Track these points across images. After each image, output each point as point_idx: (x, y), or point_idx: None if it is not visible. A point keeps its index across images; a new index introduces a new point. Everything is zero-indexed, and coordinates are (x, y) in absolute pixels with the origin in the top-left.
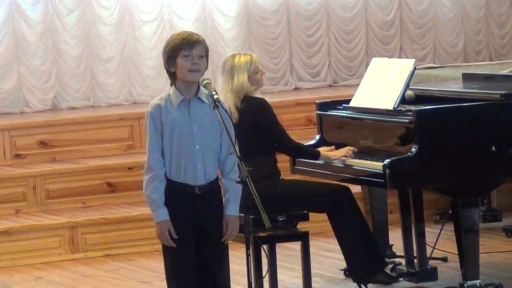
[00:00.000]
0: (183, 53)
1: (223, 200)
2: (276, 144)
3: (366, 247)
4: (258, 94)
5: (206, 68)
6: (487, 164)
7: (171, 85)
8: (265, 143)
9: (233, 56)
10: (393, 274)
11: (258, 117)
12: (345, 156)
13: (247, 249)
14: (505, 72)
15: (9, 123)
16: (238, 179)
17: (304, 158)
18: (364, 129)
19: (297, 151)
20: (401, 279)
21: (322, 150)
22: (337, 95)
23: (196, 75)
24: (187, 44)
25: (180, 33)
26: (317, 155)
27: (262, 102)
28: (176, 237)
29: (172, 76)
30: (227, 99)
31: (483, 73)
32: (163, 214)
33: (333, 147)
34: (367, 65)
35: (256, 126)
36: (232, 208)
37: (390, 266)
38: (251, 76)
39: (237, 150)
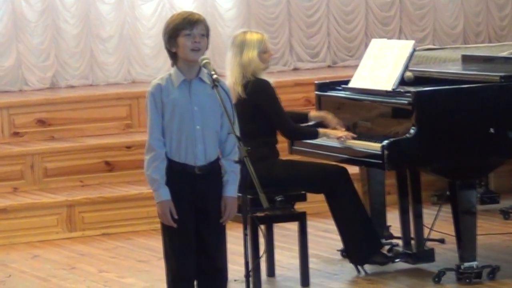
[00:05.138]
0: (184, 33)
1: (223, 181)
2: (275, 127)
3: (363, 228)
4: (263, 75)
5: (207, 47)
6: (485, 146)
7: (172, 66)
8: (266, 124)
9: (245, 32)
10: (389, 254)
11: (260, 99)
12: (341, 137)
13: (245, 229)
14: (504, 54)
15: (7, 101)
16: (237, 159)
17: (304, 140)
18: (362, 110)
19: (297, 134)
20: (397, 259)
21: (320, 129)
22: (336, 76)
23: (198, 54)
24: (188, 24)
25: (181, 12)
26: (316, 135)
27: (265, 84)
28: (177, 217)
29: (173, 56)
30: (233, 72)
31: (483, 55)
32: (165, 194)
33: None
34: (366, 46)
35: (259, 107)
36: (231, 189)
37: (387, 247)
38: (259, 54)
39: (236, 130)
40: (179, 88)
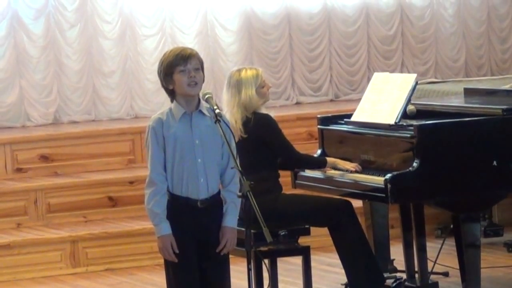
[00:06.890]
0: (179, 69)
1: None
2: (282, 158)
3: (365, 262)
4: (263, 110)
5: (204, 80)
6: (488, 179)
7: (171, 101)
8: (269, 158)
9: (239, 70)
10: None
11: (263, 133)
12: (351, 170)
13: (248, 263)
14: (506, 87)
15: (10, 137)
16: (239, 194)
17: (311, 168)
18: (365, 143)
19: (304, 162)
20: None
21: (329, 158)
22: (339, 110)
23: (195, 88)
24: (181, 59)
25: (172, 49)
26: (323, 163)
27: (266, 118)
28: (178, 251)
29: (171, 93)
30: (234, 114)
31: (485, 88)
32: (166, 228)
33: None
34: (368, 79)
35: (262, 141)
36: (230, 220)
37: (391, 281)
38: (257, 90)
39: (238, 164)
40: (180, 122)
